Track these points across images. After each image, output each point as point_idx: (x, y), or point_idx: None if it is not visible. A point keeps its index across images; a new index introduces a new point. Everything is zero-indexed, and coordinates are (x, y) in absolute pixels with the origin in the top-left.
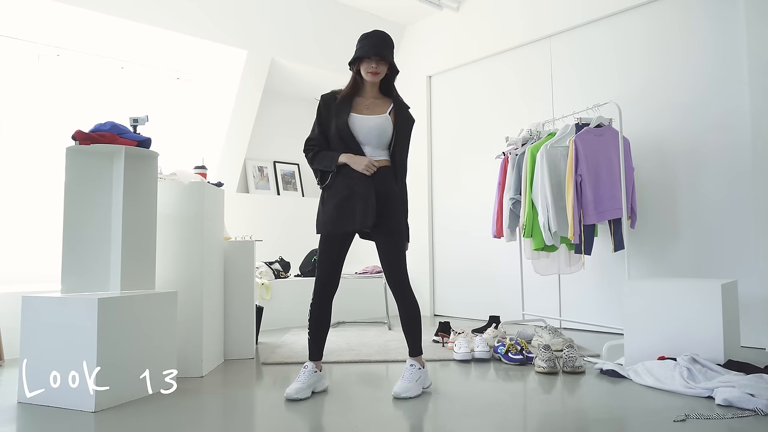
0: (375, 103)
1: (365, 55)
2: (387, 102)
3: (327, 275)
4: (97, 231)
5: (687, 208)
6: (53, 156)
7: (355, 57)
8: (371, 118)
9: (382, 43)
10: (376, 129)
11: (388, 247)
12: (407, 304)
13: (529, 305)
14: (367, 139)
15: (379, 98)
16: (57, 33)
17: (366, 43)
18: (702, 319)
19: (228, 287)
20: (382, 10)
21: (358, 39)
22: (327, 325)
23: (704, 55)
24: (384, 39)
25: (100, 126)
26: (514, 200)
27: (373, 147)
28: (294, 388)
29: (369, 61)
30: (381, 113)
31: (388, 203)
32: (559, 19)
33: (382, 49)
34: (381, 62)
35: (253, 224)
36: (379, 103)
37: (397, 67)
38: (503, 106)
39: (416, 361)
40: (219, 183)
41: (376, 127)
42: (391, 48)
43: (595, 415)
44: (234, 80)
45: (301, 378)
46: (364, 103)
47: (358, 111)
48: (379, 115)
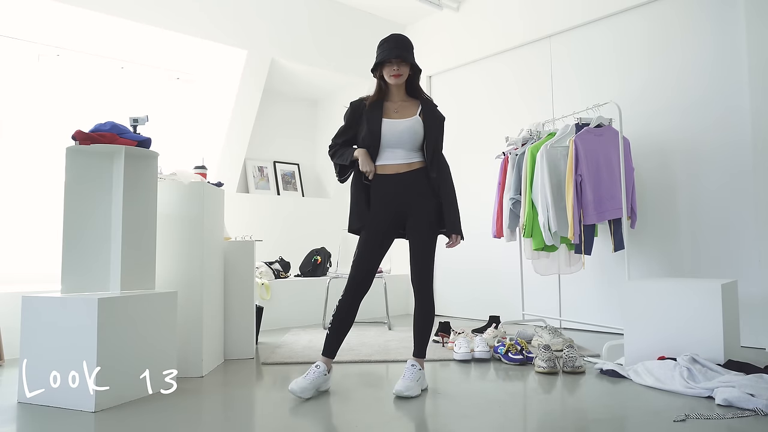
0: (403, 106)
1: (386, 59)
2: (415, 103)
3: (363, 274)
4: (97, 231)
5: (687, 208)
6: (53, 156)
7: (377, 62)
8: (402, 122)
9: (401, 45)
10: (407, 132)
11: (416, 245)
12: (426, 303)
13: (529, 305)
14: (400, 142)
15: (407, 100)
16: (57, 33)
17: (385, 47)
18: (702, 319)
19: (228, 287)
20: (382, 10)
21: (378, 45)
22: (350, 325)
23: (704, 55)
24: (402, 41)
25: (100, 126)
26: (514, 200)
27: (406, 150)
28: (300, 386)
29: (390, 64)
30: (411, 116)
31: (419, 205)
32: (559, 19)
33: (401, 51)
34: (402, 64)
35: (253, 224)
36: (408, 105)
37: (419, 66)
38: (503, 106)
39: (418, 362)
40: (219, 183)
41: (407, 130)
42: (411, 48)
43: (595, 415)
44: (234, 80)
45: (309, 376)
46: (393, 107)
47: (388, 116)
48: (409, 118)
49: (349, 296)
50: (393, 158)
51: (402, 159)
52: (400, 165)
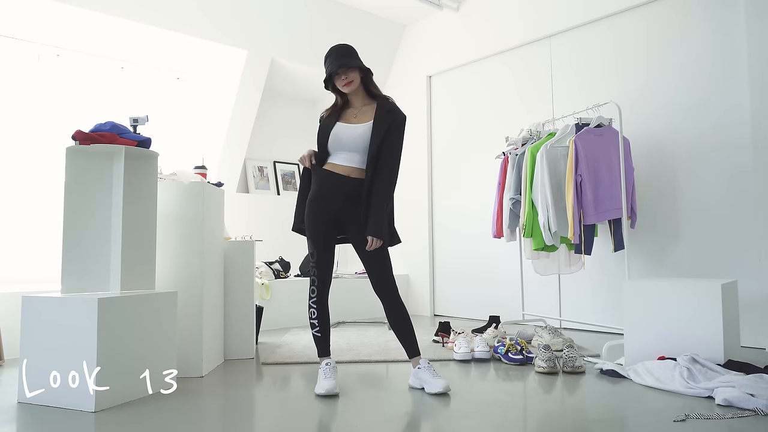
0: (363, 111)
1: (332, 72)
2: (372, 107)
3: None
4: (97, 231)
5: (687, 208)
6: (53, 156)
7: (326, 78)
8: (358, 126)
9: (343, 53)
10: (361, 137)
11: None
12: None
13: (529, 305)
14: (354, 146)
15: (368, 104)
16: (57, 33)
17: (329, 62)
18: (702, 319)
19: (228, 287)
20: (381, 10)
21: (323, 60)
22: (329, 320)
23: (704, 55)
24: (343, 49)
25: (100, 126)
26: (514, 200)
27: (361, 154)
28: (327, 388)
29: (338, 75)
30: (368, 120)
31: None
32: (560, 20)
33: (344, 60)
34: (349, 71)
35: (253, 224)
36: (367, 109)
37: (367, 66)
38: (503, 106)
39: (423, 359)
40: (219, 183)
41: (362, 135)
42: (354, 54)
43: (595, 415)
44: (234, 80)
45: (329, 374)
46: (353, 113)
47: (347, 120)
48: (365, 123)
49: (321, 295)
50: (347, 161)
51: (356, 163)
52: (353, 169)
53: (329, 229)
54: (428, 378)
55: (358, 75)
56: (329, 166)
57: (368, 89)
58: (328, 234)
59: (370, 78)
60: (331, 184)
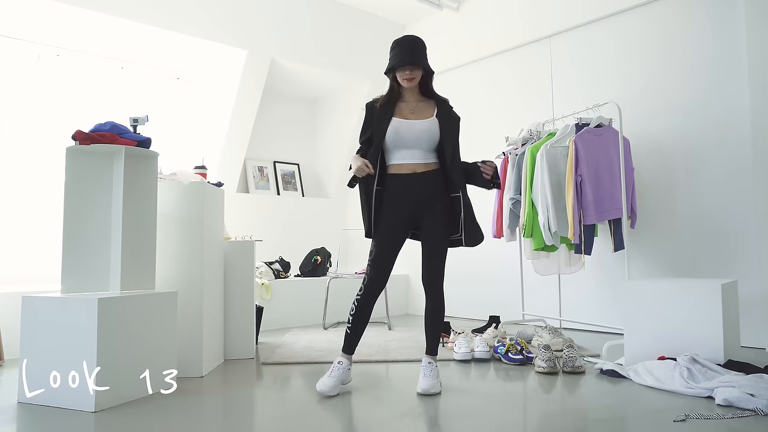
0: (419, 107)
1: (399, 65)
2: (431, 104)
3: (379, 274)
4: (97, 231)
5: (687, 208)
6: (53, 156)
7: (390, 67)
8: (420, 123)
9: (414, 49)
10: (425, 133)
11: (429, 245)
12: (436, 301)
13: (529, 305)
14: (418, 143)
15: (422, 101)
16: (57, 33)
17: (398, 51)
18: (702, 319)
19: (228, 287)
20: (382, 10)
21: (391, 47)
22: (367, 322)
23: (704, 55)
24: (415, 44)
25: (100, 126)
26: (514, 200)
27: (423, 150)
28: (327, 385)
29: (402, 69)
30: (428, 117)
31: (433, 206)
32: (560, 20)
33: (414, 57)
34: (415, 68)
35: (253, 224)
36: (423, 106)
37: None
38: (503, 106)
39: (433, 359)
40: (219, 183)
41: (426, 131)
42: (423, 51)
43: (595, 415)
44: (234, 80)
45: (334, 374)
46: (408, 108)
47: (404, 116)
48: (426, 119)
49: (367, 295)
50: (410, 158)
51: (419, 159)
52: (418, 165)
53: (403, 231)
54: (420, 376)
55: (421, 73)
56: (394, 168)
57: (425, 87)
58: (401, 237)
59: (431, 78)
60: (406, 185)
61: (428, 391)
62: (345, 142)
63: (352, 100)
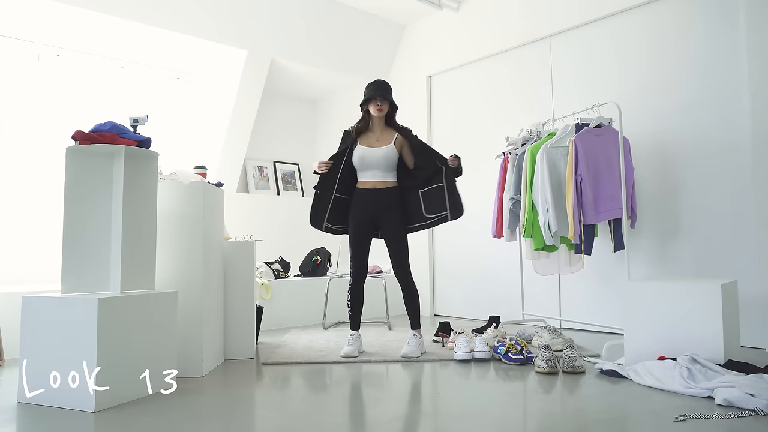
0: (383, 136)
1: (372, 97)
2: (392, 133)
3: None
4: (97, 231)
5: (687, 208)
6: (53, 156)
7: (365, 99)
8: (379, 149)
9: (383, 87)
10: (383, 158)
11: (391, 243)
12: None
13: (529, 305)
14: (378, 165)
15: (386, 130)
16: (57, 33)
17: (372, 88)
18: (702, 319)
19: (228, 287)
20: (382, 10)
21: (365, 87)
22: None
23: (704, 54)
24: (384, 84)
25: (100, 126)
26: (514, 200)
27: (382, 170)
28: (349, 351)
29: (375, 101)
30: (387, 144)
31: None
32: (559, 20)
33: (383, 92)
34: (383, 101)
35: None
36: (386, 135)
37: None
38: (503, 107)
39: (417, 332)
40: (219, 183)
41: (383, 156)
42: (390, 90)
43: (595, 415)
44: (234, 80)
45: (351, 343)
46: (375, 137)
47: (369, 144)
48: (386, 146)
49: (355, 281)
50: (372, 176)
51: (379, 177)
52: (377, 182)
53: (366, 235)
54: (405, 344)
55: (388, 107)
56: (360, 183)
57: (389, 119)
58: (367, 238)
59: (394, 112)
60: (367, 198)
61: (408, 355)
62: None
63: (352, 100)
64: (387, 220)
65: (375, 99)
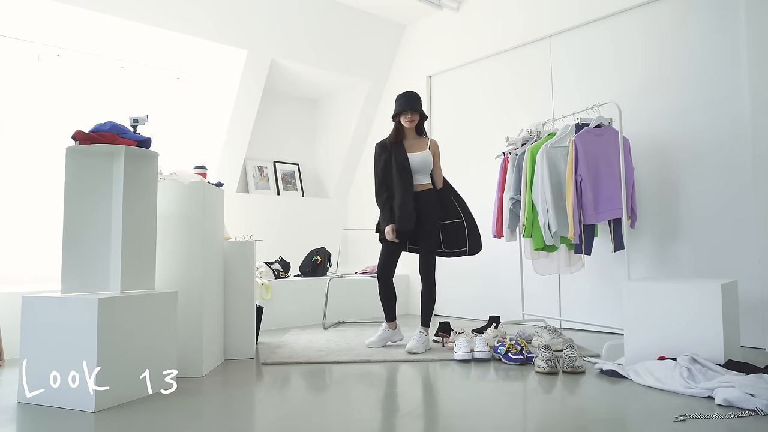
0: (416, 143)
1: (403, 110)
2: (423, 140)
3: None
4: (97, 231)
5: (687, 208)
6: (53, 156)
7: (396, 112)
8: (418, 155)
9: (414, 100)
10: (422, 162)
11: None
12: (430, 286)
13: (529, 305)
14: (417, 169)
15: (417, 138)
16: (57, 33)
17: (403, 101)
18: (702, 319)
19: (228, 287)
20: (382, 10)
21: (396, 98)
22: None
23: (703, 54)
24: (415, 96)
25: (100, 126)
26: (514, 200)
27: (421, 174)
28: (371, 341)
29: (406, 113)
30: (422, 150)
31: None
32: (559, 20)
33: (414, 105)
34: (414, 113)
35: (253, 224)
36: (418, 142)
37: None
38: (503, 106)
39: (424, 330)
40: (219, 183)
41: (422, 161)
42: (420, 101)
43: (595, 415)
44: (234, 80)
45: (377, 335)
46: (409, 144)
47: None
48: (422, 152)
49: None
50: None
51: (419, 181)
52: (417, 185)
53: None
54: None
55: (418, 117)
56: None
57: (418, 128)
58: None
59: (423, 121)
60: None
61: (412, 350)
62: (345, 142)
63: (352, 100)
64: (426, 216)
65: (406, 112)
